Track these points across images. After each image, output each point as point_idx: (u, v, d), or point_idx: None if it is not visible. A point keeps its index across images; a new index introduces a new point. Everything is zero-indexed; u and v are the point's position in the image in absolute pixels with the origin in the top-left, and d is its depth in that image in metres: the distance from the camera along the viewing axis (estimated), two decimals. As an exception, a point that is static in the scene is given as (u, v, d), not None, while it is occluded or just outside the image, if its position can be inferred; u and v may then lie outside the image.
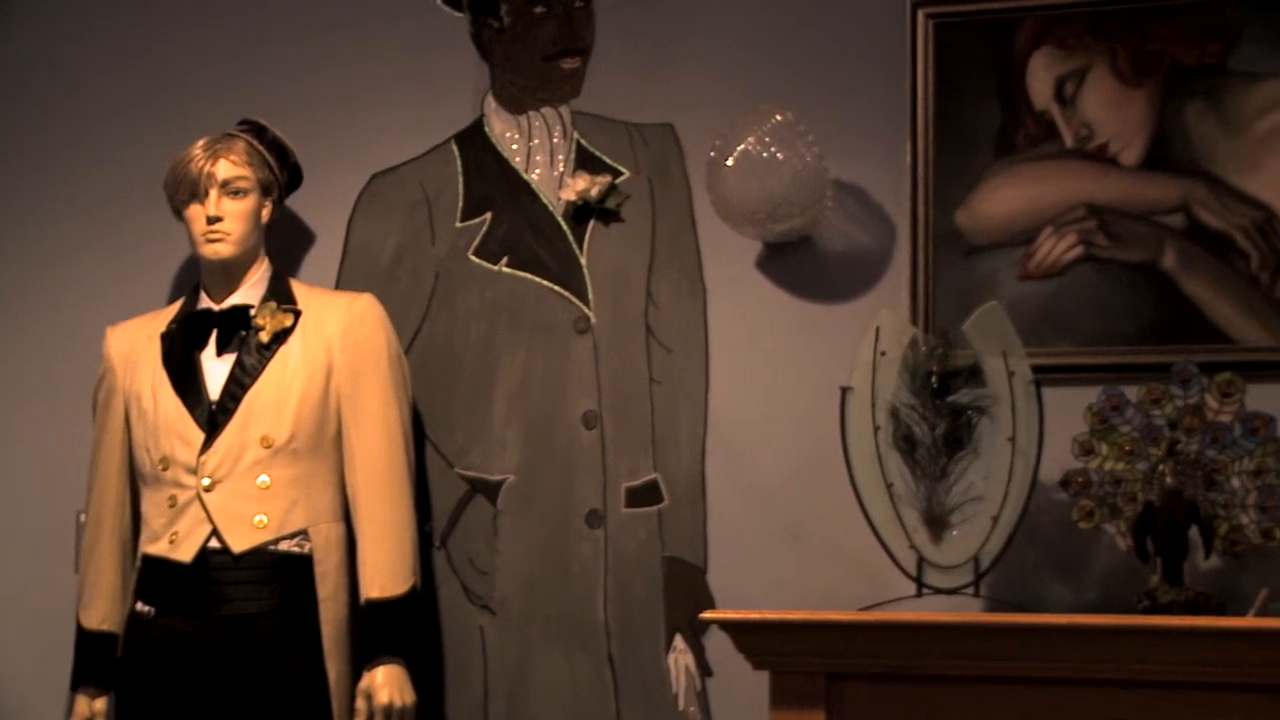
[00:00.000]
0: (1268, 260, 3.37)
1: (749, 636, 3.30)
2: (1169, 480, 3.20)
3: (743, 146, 3.54)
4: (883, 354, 3.36)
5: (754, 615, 3.31)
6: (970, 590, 3.33)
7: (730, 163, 3.55)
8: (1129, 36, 3.46)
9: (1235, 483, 3.22)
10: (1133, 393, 3.27)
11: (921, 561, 3.34)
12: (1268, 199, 3.37)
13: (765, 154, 3.53)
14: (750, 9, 3.70)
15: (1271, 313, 3.36)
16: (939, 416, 3.33)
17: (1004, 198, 3.51)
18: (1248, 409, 3.22)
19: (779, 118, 3.55)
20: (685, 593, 3.66)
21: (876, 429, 3.36)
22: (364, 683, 3.57)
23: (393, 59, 3.93)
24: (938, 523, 3.34)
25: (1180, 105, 3.43)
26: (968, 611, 3.32)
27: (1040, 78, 3.50)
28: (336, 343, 3.68)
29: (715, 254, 3.68)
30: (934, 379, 3.33)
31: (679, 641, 3.66)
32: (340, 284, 3.91)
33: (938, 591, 3.34)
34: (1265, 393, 3.24)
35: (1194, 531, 3.21)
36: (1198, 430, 3.23)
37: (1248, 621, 3.14)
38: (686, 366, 3.69)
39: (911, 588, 3.35)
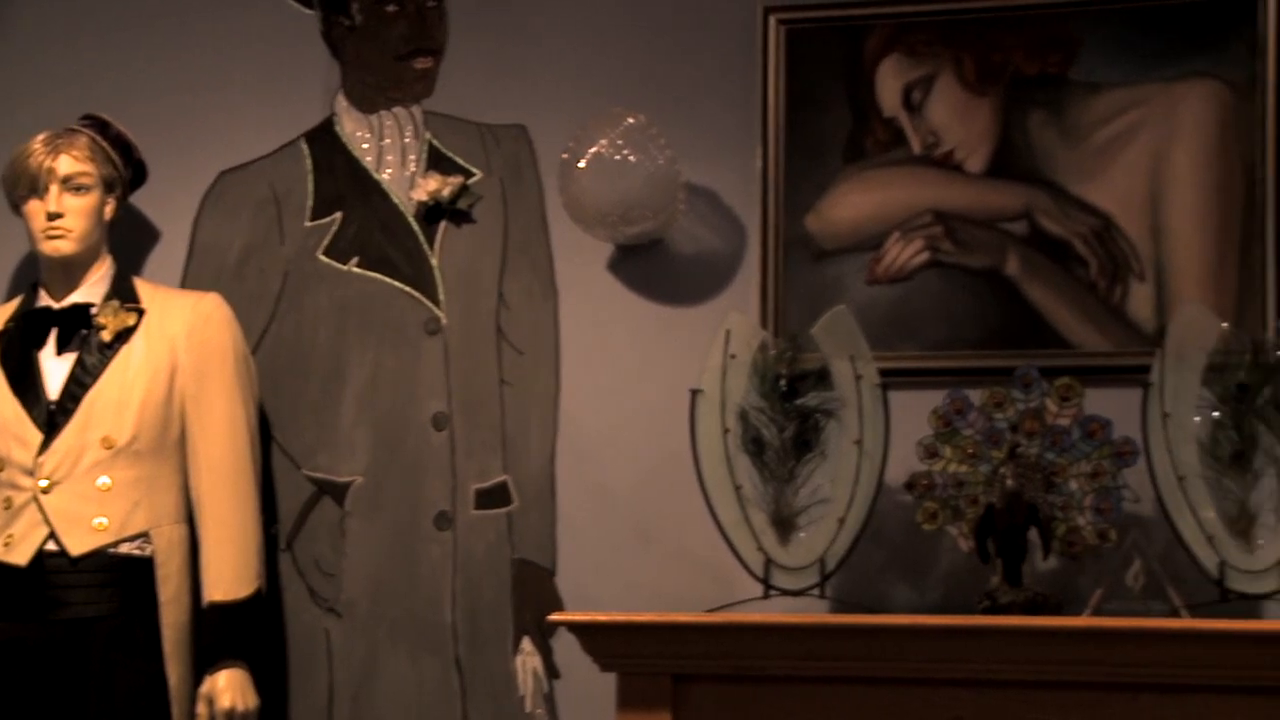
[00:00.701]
0: (1106, 268, 3.44)
1: (596, 638, 3.31)
2: (1010, 483, 3.26)
3: (595, 149, 3.55)
4: (732, 357, 3.39)
5: (601, 617, 3.32)
6: (816, 592, 3.36)
7: (582, 165, 3.56)
8: (975, 45, 3.51)
9: (1073, 485, 3.28)
10: (976, 396, 3.32)
11: (769, 563, 3.37)
12: (1106, 207, 3.44)
13: (617, 156, 3.53)
14: (603, 12, 3.71)
15: (1109, 319, 3.43)
16: (787, 419, 3.36)
17: (853, 203, 3.55)
18: (1085, 413, 3.29)
19: (631, 120, 3.56)
20: (534, 595, 3.65)
21: (726, 431, 3.38)
22: (205, 687, 3.52)
23: (242, 55, 3.88)
24: (785, 525, 3.37)
25: (1023, 114, 3.49)
26: (814, 613, 3.35)
27: (889, 85, 3.54)
28: (181, 343, 3.63)
29: (567, 256, 3.68)
30: (783, 382, 3.36)
31: (527, 644, 3.66)
32: (186, 283, 3.85)
33: (784, 593, 3.37)
34: (1102, 397, 3.30)
35: (1033, 533, 3.26)
36: (1038, 433, 3.29)
37: (1083, 621, 3.21)
38: (537, 368, 3.68)
39: (759, 589, 3.37)
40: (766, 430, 3.36)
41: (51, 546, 3.53)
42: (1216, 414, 3.21)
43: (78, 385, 3.59)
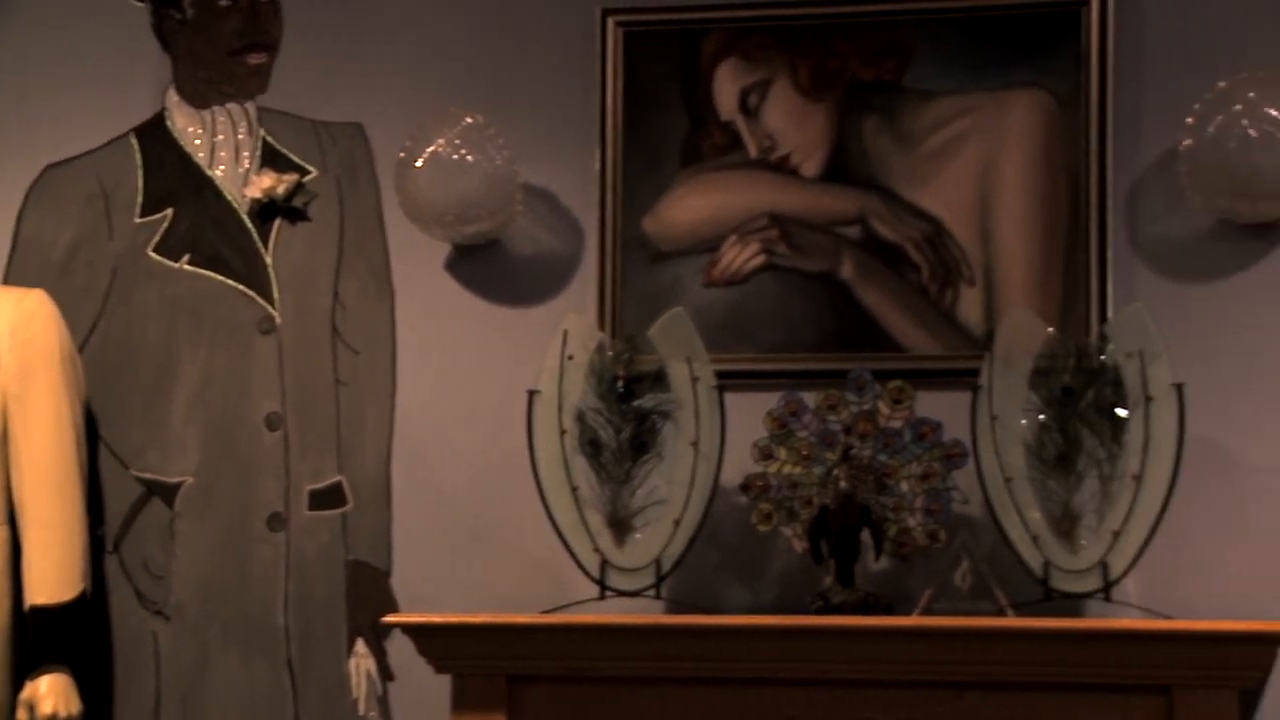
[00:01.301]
0: (937, 273, 3.50)
1: (431, 640, 3.30)
2: (843, 484, 3.30)
3: (432, 148, 3.54)
4: (570, 358, 3.39)
5: (436, 618, 3.31)
6: (652, 592, 3.37)
7: (420, 164, 3.54)
8: (811, 51, 3.55)
9: (904, 486, 3.33)
10: (811, 399, 3.36)
11: (604, 564, 3.38)
12: (938, 213, 3.50)
13: (455, 156, 3.52)
14: (441, 10, 3.69)
15: (940, 323, 3.49)
16: (624, 421, 3.37)
17: (690, 206, 3.57)
18: (917, 415, 3.34)
19: (469, 120, 3.55)
20: (368, 596, 3.63)
21: (563, 432, 3.38)
22: (26, 693, 3.46)
23: (69, 47, 3.81)
24: (621, 526, 3.39)
25: (858, 120, 3.54)
26: (649, 613, 3.37)
27: (726, 89, 3.57)
28: (4, 341, 3.56)
29: (404, 255, 3.66)
30: (619, 383, 3.37)
31: (360, 646, 3.63)
32: (9, 279, 3.78)
33: (620, 594, 3.38)
34: (933, 400, 3.36)
35: (866, 534, 3.31)
36: (870, 435, 3.34)
37: (912, 620, 3.26)
38: (373, 368, 3.66)
39: (594, 590, 3.38)
40: (603, 431, 3.37)
41: None
42: (1042, 417, 3.28)
43: (-105, 383, 3.50)
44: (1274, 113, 3.28)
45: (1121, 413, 3.24)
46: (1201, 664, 3.12)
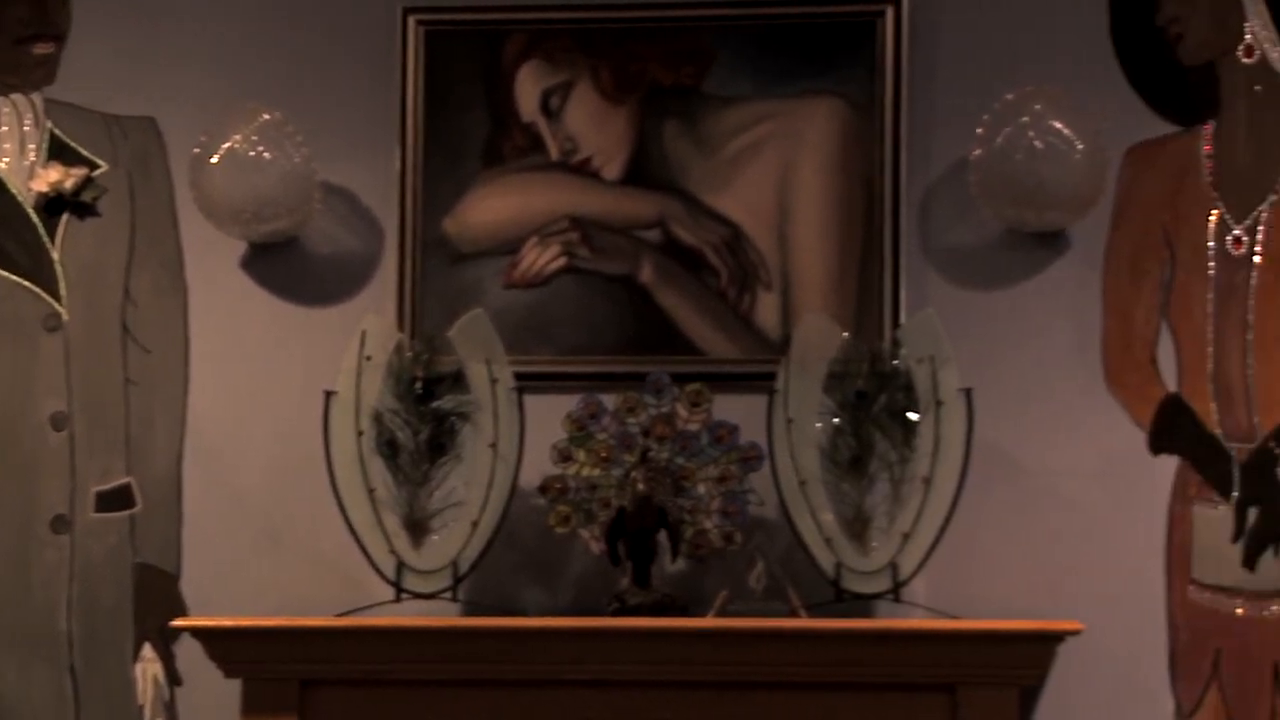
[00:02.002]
0: (735, 277, 3.53)
1: (220, 644, 3.26)
2: (641, 486, 3.32)
3: (228, 144, 3.49)
4: (368, 359, 3.37)
5: (226, 622, 3.28)
6: (449, 595, 3.36)
7: (215, 160, 3.49)
8: (613, 54, 3.57)
9: (701, 489, 3.36)
10: (610, 401, 3.38)
11: (401, 566, 3.36)
12: (737, 218, 3.54)
13: (252, 153, 3.48)
14: (238, 3, 3.64)
15: (738, 327, 3.53)
16: (422, 422, 3.35)
17: (491, 207, 3.57)
18: (715, 418, 3.37)
19: (266, 117, 3.51)
20: (156, 600, 3.57)
21: (360, 434, 3.36)
22: None
23: None
24: (418, 528, 3.37)
25: (659, 124, 3.56)
26: (446, 616, 3.36)
27: (527, 90, 3.57)
28: None
29: (198, 252, 3.60)
30: (418, 384, 3.36)
31: (148, 650, 3.57)
32: None
33: (416, 596, 3.37)
34: (731, 403, 3.40)
35: (663, 535, 3.34)
36: (668, 438, 3.36)
37: (707, 622, 3.29)
38: (165, 367, 3.60)
39: (391, 592, 3.36)
40: (401, 433, 3.35)
41: None
42: (836, 420, 3.33)
43: None
44: (1059, 125, 3.38)
45: (913, 417, 3.31)
46: (985, 663, 3.21)
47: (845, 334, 3.41)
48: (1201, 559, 3.41)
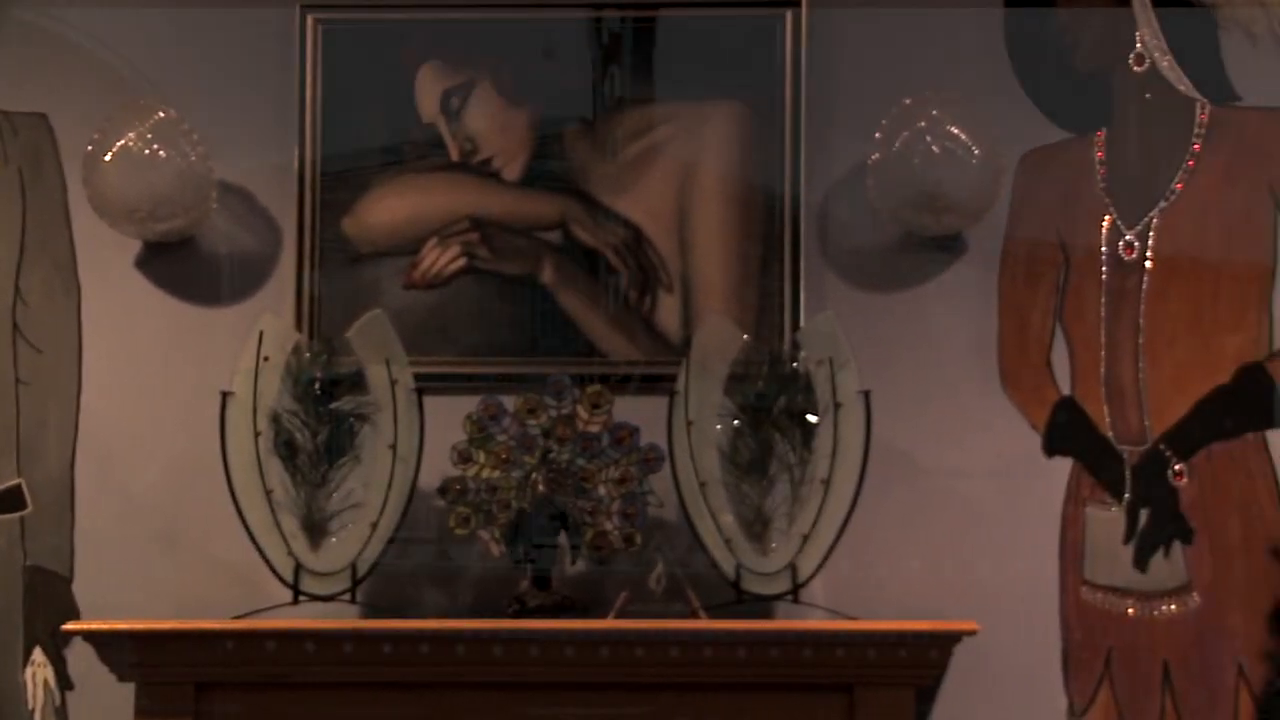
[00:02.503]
0: (636, 278, 3.54)
1: (113, 647, 3.24)
2: (541, 488, 3.32)
3: (123, 142, 3.46)
4: (265, 359, 3.35)
5: (119, 625, 3.25)
6: (347, 597, 3.34)
7: (109, 158, 3.46)
8: (513, 56, 3.56)
9: (602, 490, 3.37)
10: (510, 403, 3.37)
11: (299, 568, 3.33)
12: (637, 220, 3.55)
13: (147, 151, 3.45)
14: (133, -1, 3.61)
15: (639, 329, 3.53)
16: (321, 423, 3.34)
17: (390, 207, 3.55)
18: (615, 420, 3.38)
19: (162, 114, 3.47)
20: (47, 603, 3.52)
21: (257, 434, 3.33)
22: None
23: None
24: (316, 529, 3.35)
25: (558, 126, 3.56)
26: (344, 618, 3.34)
27: (427, 90, 3.56)
28: None
29: (91, 251, 3.56)
30: (317, 385, 3.34)
31: (38, 654, 3.53)
32: None
33: (314, 598, 3.35)
34: (631, 405, 3.40)
35: (563, 537, 3.33)
36: (569, 440, 3.36)
37: (606, 623, 3.30)
38: (57, 367, 3.55)
39: (289, 595, 3.33)
40: (299, 434, 3.33)
41: None
42: (736, 422, 3.35)
43: None
44: (955, 130, 3.42)
45: (812, 418, 3.33)
46: (882, 663, 3.24)
47: (745, 336, 3.42)
48: (1094, 560, 3.46)
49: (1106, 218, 3.52)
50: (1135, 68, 3.54)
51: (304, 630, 3.24)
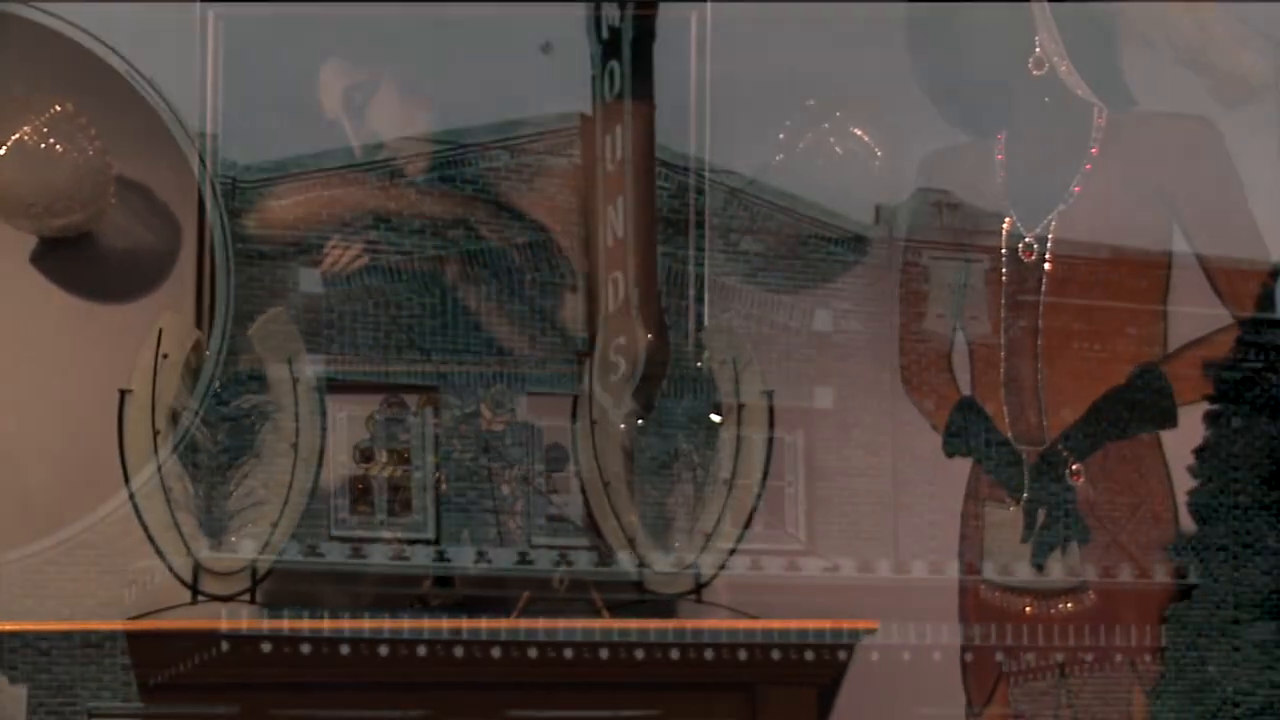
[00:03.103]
0: (539, 279, 3.54)
1: (5, 649, 3.17)
2: (444, 487, 3.31)
3: (17, 136, 3.40)
4: (165, 357, 3.31)
5: (9, 626, 3.22)
6: (247, 597, 3.31)
7: (3, 152, 3.40)
8: (417, 53, 3.55)
9: (505, 490, 3.36)
10: (413, 401, 3.36)
11: (198, 568, 3.30)
12: (542, 219, 3.54)
13: (43, 145, 3.40)
14: (31, -9, 3.55)
15: (543, 328, 3.52)
16: (221, 422, 3.31)
17: (292, 204, 3.52)
18: (519, 419, 3.37)
19: (59, 108, 3.42)
20: (-62, 605, 3.46)
21: (156, 433, 3.30)
22: None
23: None
24: (217, 529, 3.32)
25: (462, 124, 3.54)
26: (243, 618, 3.31)
27: (331, 87, 3.53)
28: None
29: (-15, 247, 3.51)
30: (217, 383, 3.31)
31: (-72, 658, 3.46)
32: None
33: (214, 599, 3.31)
34: (535, 404, 3.40)
35: (466, 536, 3.33)
36: (472, 439, 3.35)
37: (508, 623, 3.29)
38: (-51, 365, 3.49)
39: (187, 595, 3.30)
40: (199, 432, 3.31)
41: None
42: (641, 422, 3.35)
43: None
44: (859, 132, 3.44)
45: (715, 418, 3.34)
46: (784, 662, 3.26)
47: (649, 336, 3.43)
48: (992, 558, 3.50)
49: (1006, 220, 3.56)
50: (1034, 71, 3.57)
51: (202, 631, 3.21)
